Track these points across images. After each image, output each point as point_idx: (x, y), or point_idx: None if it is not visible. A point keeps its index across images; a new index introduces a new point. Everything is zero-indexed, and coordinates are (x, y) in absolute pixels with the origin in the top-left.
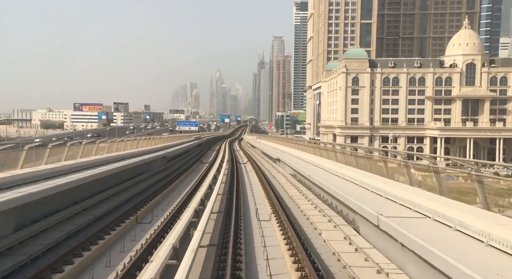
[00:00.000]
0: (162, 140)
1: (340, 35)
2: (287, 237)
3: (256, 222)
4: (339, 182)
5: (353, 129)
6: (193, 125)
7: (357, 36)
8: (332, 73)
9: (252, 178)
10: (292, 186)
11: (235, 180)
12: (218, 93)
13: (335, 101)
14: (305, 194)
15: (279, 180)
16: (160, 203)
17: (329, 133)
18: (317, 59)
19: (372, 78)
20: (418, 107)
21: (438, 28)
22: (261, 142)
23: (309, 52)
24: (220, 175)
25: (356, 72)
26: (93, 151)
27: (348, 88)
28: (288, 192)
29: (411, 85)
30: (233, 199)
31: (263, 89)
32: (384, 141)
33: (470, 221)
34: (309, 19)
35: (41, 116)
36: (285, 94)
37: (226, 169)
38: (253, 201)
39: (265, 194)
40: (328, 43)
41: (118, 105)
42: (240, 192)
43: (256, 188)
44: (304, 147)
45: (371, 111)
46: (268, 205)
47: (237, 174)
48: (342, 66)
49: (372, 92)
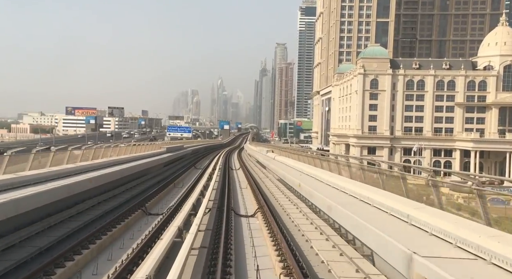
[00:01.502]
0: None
1: (353, 35)
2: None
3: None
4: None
5: (370, 139)
6: (186, 131)
7: (372, 35)
8: (344, 76)
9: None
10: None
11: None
12: (220, 100)
13: (349, 107)
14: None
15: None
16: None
17: (341, 143)
18: (326, 61)
19: (394, 81)
20: (446, 115)
21: (459, 30)
22: (280, 160)
23: (316, 54)
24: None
25: (375, 74)
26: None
27: (366, 92)
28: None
29: (438, 89)
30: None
31: (264, 97)
32: (406, 154)
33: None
34: (318, 20)
35: (33, 120)
36: (288, 102)
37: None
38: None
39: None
40: (340, 44)
41: (113, 109)
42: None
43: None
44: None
45: (392, 118)
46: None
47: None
48: (359, 66)
49: (393, 96)
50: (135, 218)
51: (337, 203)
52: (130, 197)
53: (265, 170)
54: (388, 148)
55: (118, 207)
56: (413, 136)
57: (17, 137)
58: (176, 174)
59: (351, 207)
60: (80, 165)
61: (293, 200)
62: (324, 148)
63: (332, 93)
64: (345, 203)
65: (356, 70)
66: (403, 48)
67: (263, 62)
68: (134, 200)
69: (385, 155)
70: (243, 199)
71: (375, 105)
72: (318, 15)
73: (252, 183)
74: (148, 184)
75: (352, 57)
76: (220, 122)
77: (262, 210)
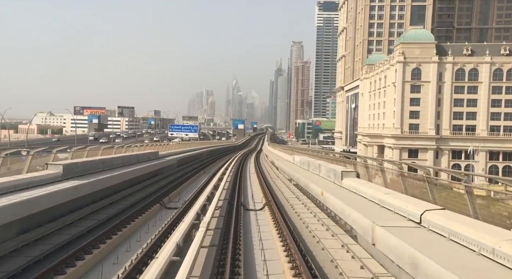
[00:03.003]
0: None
1: (384, 21)
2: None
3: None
4: None
5: (411, 140)
6: (192, 131)
7: (407, 21)
8: (375, 67)
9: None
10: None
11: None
12: (234, 101)
13: (382, 103)
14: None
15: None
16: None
17: (374, 144)
18: (352, 53)
19: (440, 70)
20: (505, 111)
21: (504, 17)
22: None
23: (340, 47)
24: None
25: (418, 62)
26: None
27: (406, 84)
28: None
29: (495, 80)
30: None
31: (280, 97)
32: (456, 157)
33: None
34: (341, 8)
35: (41, 120)
36: (304, 102)
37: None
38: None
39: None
40: (369, 31)
41: (123, 109)
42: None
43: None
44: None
45: (438, 115)
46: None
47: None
48: (398, 53)
49: (440, 89)
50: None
51: None
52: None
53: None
54: (433, 150)
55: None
56: (464, 136)
57: (20, 137)
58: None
59: None
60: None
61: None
62: (350, 150)
63: (360, 88)
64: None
65: (393, 58)
66: (438, 38)
67: (278, 62)
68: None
69: (429, 158)
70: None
71: (417, 99)
72: (342, 3)
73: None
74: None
75: (383, 47)
76: (234, 121)
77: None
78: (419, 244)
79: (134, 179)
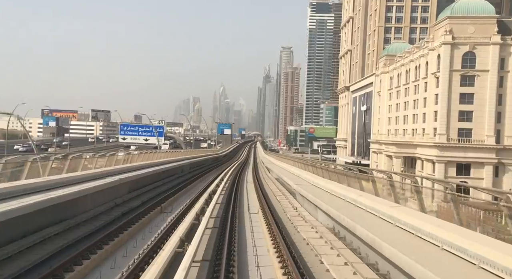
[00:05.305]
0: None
1: (405, 3)
2: None
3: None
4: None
5: (461, 151)
6: (148, 134)
7: (433, 4)
8: (397, 59)
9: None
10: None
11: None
12: (222, 108)
13: (413, 102)
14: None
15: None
16: None
17: (400, 155)
18: (361, 45)
19: (503, 55)
20: None
21: None
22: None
23: (344, 41)
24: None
25: (472, 44)
26: None
27: (454, 74)
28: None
29: None
30: None
31: (268, 104)
32: None
33: None
34: None
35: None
36: (294, 109)
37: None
38: None
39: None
40: (387, 17)
41: (97, 112)
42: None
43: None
44: None
45: (499, 117)
46: None
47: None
48: (444, 31)
49: (501, 81)
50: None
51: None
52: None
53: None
54: (491, 165)
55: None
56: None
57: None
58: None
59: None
60: None
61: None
62: (360, 161)
63: (375, 85)
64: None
65: (432, 40)
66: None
67: (266, 69)
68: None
69: (486, 176)
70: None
71: (469, 95)
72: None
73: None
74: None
75: (403, 35)
76: (219, 125)
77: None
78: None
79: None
